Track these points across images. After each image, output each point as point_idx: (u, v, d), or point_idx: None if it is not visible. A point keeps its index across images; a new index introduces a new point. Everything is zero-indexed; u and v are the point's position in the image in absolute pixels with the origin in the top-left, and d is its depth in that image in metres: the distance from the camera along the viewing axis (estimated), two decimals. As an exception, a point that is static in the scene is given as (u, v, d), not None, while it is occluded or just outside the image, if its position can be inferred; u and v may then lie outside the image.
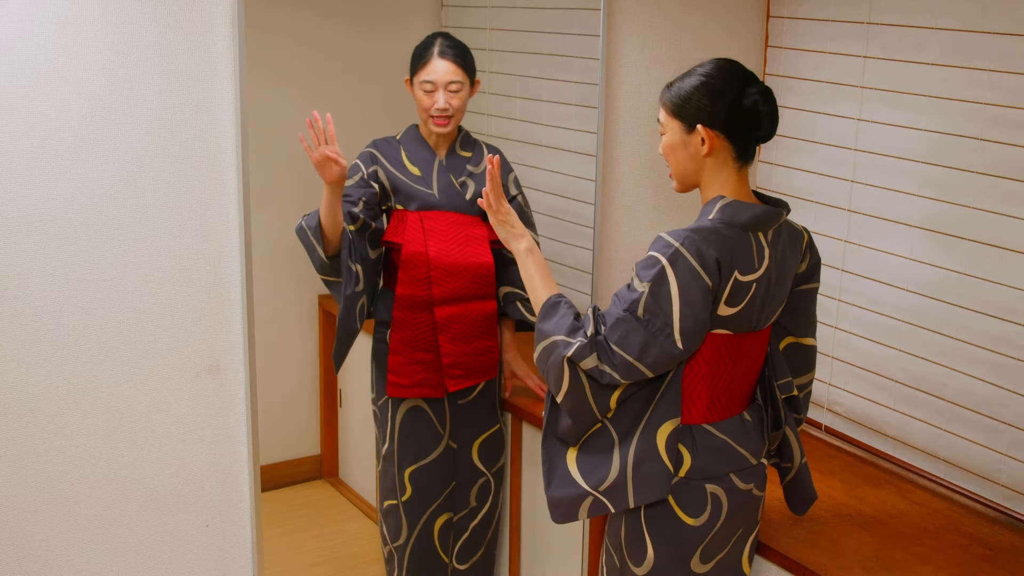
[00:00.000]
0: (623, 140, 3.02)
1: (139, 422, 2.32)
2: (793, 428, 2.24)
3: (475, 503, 2.97)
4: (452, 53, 2.73)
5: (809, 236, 2.17)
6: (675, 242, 1.95)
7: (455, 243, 2.77)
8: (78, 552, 2.30)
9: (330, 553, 3.43)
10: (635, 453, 2.04)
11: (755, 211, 2.01)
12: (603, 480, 2.06)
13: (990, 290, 2.51)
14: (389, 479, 2.90)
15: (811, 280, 2.21)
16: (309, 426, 3.80)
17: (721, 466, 2.09)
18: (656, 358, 1.97)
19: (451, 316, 2.76)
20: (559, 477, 2.10)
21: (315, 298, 3.71)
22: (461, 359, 2.79)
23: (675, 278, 1.94)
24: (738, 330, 2.05)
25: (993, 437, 2.54)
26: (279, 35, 3.47)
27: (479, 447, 2.94)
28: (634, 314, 1.96)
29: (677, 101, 2.02)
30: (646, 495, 2.05)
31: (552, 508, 2.12)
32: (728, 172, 2.04)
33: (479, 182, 2.84)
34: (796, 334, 2.22)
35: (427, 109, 2.75)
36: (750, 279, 2.00)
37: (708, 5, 3.05)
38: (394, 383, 2.79)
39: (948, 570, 2.24)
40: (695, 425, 2.08)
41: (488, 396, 2.94)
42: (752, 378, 2.16)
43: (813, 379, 2.28)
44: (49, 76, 2.11)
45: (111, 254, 2.23)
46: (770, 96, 2.02)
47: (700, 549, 2.11)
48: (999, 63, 2.44)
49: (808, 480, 2.29)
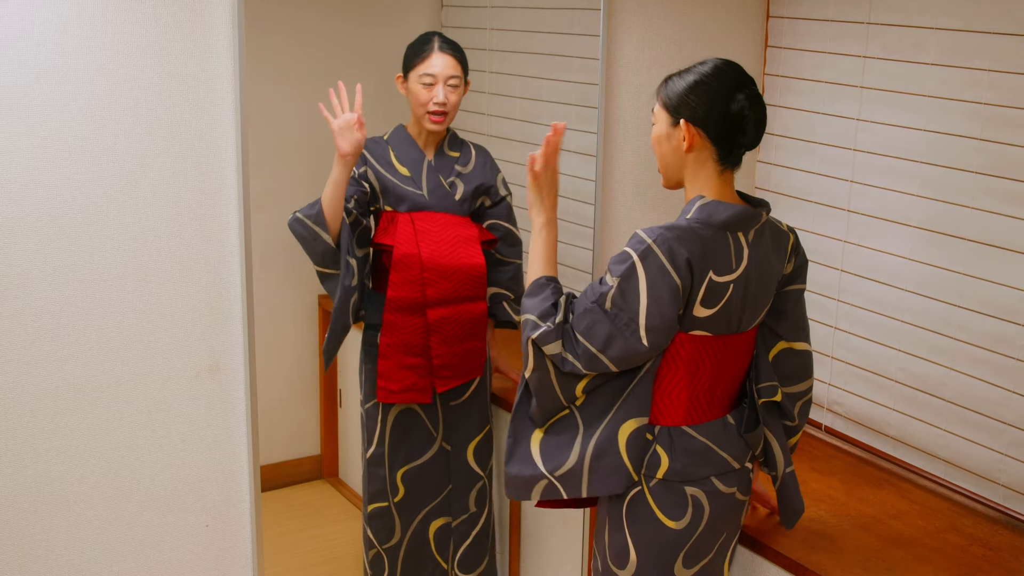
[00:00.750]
0: (623, 140, 3.02)
1: (139, 422, 2.32)
2: (779, 434, 2.20)
3: (475, 507, 2.95)
4: (451, 49, 2.74)
5: (795, 237, 2.16)
6: (648, 239, 1.96)
7: (447, 244, 2.75)
8: (78, 552, 2.30)
9: (330, 553, 3.43)
10: (596, 445, 2.04)
11: (733, 211, 2.00)
12: (560, 465, 2.06)
13: (990, 290, 2.51)
14: (378, 481, 2.88)
15: (796, 281, 2.18)
16: (309, 426, 3.80)
17: (701, 469, 2.08)
18: (620, 352, 1.98)
19: (443, 318, 2.75)
20: (520, 455, 2.10)
21: (315, 298, 3.71)
22: (451, 360, 2.78)
23: (644, 274, 1.95)
24: (717, 332, 2.04)
25: (993, 437, 2.54)
26: (279, 35, 3.47)
27: (474, 449, 2.93)
28: (602, 306, 1.98)
29: (669, 94, 2.05)
30: (600, 488, 2.05)
31: (507, 484, 2.13)
32: (709, 173, 2.04)
33: (468, 182, 2.84)
34: (787, 338, 2.19)
35: (424, 104, 2.73)
36: (727, 280, 2.00)
37: (708, 5, 3.05)
38: (384, 388, 2.76)
39: (948, 570, 2.24)
40: (674, 427, 2.07)
41: (480, 398, 2.93)
42: (736, 381, 2.15)
43: (811, 387, 2.24)
44: (49, 76, 2.11)
45: (111, 254, 2.23)
46: (759, 102, 2.01)
47: (683, 553, 2.09)
48: (999, 63, 2.44)
49: (794, 492, 2.25)
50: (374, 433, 2.86)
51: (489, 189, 2.87)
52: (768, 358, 2.18)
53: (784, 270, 2.15)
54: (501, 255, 2.91)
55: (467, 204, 2.83)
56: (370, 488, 2.90)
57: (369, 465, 2.88)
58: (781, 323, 2.18)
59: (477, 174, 2.85)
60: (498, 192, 2.89)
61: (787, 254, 2.14)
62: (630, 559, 2.10)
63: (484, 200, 2.88)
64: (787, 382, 2.20)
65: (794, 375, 2.21)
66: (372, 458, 2.87)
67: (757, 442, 2.17)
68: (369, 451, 2.87)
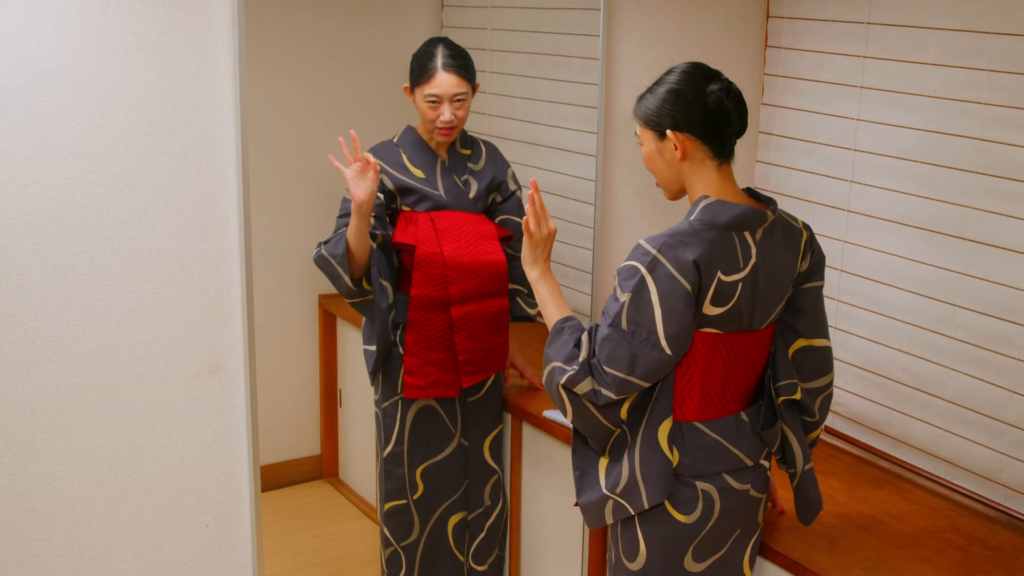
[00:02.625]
0: (623, 140, 3.02)
1: (139, 422, 2.32)
2: (798, 431, 2.21)
3: (489, 501, 2.98)
4: (455, 65, 2.71)
5: (810, 234, 2.16)
6: (652, 249, 1.98)
7: (467, 241, 2.77)
8: (78, 552, 2.30)
9: (330, 553, 3.43)
10: (640, 454, 2.07)
11: (737, 211, 2.02)
12: (618, 482, 2.10)
13: (990, 290, 2.51)
14: (396, 480, 2.89)
15: (814, 278, 2.19)
16: (309, 426, 3.80)
17: (712, 465, 2.10)
18: (647, 368, 2.00)
19: (467, 314, 2.77)
20: (589, 483, 2.16)
21: (315, 298, 3.71)
22: (475, 355, 2.81)
23: (655, 285, 1.97)
24: (729, 329, 2.06)
25: (993, 437, 2.54)
26: (279, 35, 3.47)
27: (490, 444, 2.95)
28: (618, 328, 2.00)
29: (647, 111, 2.08)
30: (659, 493, 2.07)
31: (583, 513, 2.19)
32: (708, 171, 2.06)
33: (480, 179, 2.85)
34: (806, 335, 2.19)
35: (432, 121, 2.74)
36: (735, 279, 2.01)
37: (708, 5, 3.05)
38: (410, 384, 2.78)
39: (948, 570, 2.24)
40: (686, 423, 2.10)
41: (496, 394, 2.95)
42: (751, 379, 2.16)
43: (831, 382, 2.24)
44: (49, 76, 2.11)
45: (111, 254, 2.23)
46: (733, 90, 2.04)
47: (692, 547, 2.11)
48: (999, 63, 2.44)
49: (813, 488, 2.26)
50: (392, 431, 2.86)
51: (500, 185, 2.89)
52: (788, 355, 2.19)
53: (800, 267, 2.15)
54: (514, 250, 2.93)
55: (481, 202, 2.86)
56: (387, 486, 2.91)
57: (387, 463, 2.89)
58: (800, 320, 2.19)
59: (488, 170, 2.88)
60: (508, 187, 2.91)
61: (800, 251, 2.14)
62: (640, 551, 2.13)
63: (495, 196, 2.90)
64: (808, 378, 2.21)
65: (815, 371, 2.21)
66: (390, 456, 2.88)
67: (773, 440, 2.18)
68: (387, 449, 2.88)
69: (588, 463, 2.17)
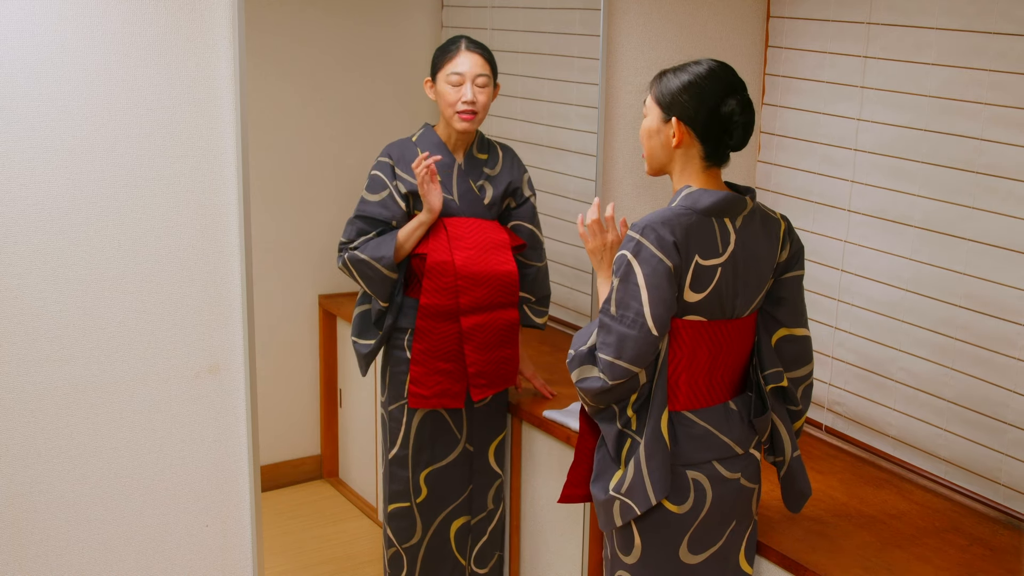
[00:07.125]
0: (623, 140, 3.02)
1: (139, 422, 2.32)
2: (785, 420, 2.24)
3: (492, 505, 2.98)
4: (479, 48, 2.72)
5: (787, 224, 2.20)
6: (636, 234, 2.04)
7: (479, 250, 2.74)
8: (78, 552, 2.30)
9: (330, 553, 3.44)
10: (645, 448, 2.09)
11: (717, 197, 2.06)
12: (622, 482, 2.11)
13: (990, 290, 2.51)
14: (400, 482, 2.88)
15: (794, 268, 2.22)
16: (309, 426, 3.81)
17: (702, 453, 2.12)
18: (634, 351, 2.03)
19: (477, 325, 2.75)
20: (600, 486, 2.17)
21: (315, 298, 3.71)
22: (485, 368, 2.79)
23: (640, 267, 2.02)
24: (712, 317, 2.09)
25: (993, 437, 2.54)
26: (279, 35, 3.47)
27: (495, 449, 2.94)
28: (608, 313, 2.05)
29: (663, 91, 2.10)
30: (662, 486, 2.08)
31: (599, 517, 2.21)
32: (695, 168, 2.10)
33: (496, 185, 2.82)
34: (787, 324, 2.23)
35: (453, 104, 2.70)
36: (713, 263, 2.05)
37: (708, 5, 3.05)
38: (415, 394, 2.76)
39: (948, 570, 2.25)
40: (675, 412, 2.13)
41: (502, 400, 2.94)
42: (737, 367, 2.19)
43: (812, 372, 2.29)
44: (49, 76, 2.11)
45: (111, 254, 2.23)
46: (748, 108, 2.08)
47: (687, 538, 2.13)
48: (999, 63, 2.44)
49: (801, 475, 2.28)
50: (398, 435, 2.85)
51: (515, 191, 2.85)
52: (771, 344, 2.22)
53: (779, 257, 2.18)
54: (524, 258, 2.89)
55: (495, 208, 2.82)
56: (391, 488, 2.90)
57: (391, 465, 2.88)
58: (780, 310, 2.22)
59: (505, 175, 2.84)
60: (523, 193, 2.87)
61: (779, 240, 2.17)
62: (635, 544, 2.14)
63: (510, 201, 2.86)
64: (789, 367, 2.24)
65: (796, 360, 2.25)
66: (395, 459, 2.87)
67: (764, 427, 2.21)
68: (392, 452, 2.87)
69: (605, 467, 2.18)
